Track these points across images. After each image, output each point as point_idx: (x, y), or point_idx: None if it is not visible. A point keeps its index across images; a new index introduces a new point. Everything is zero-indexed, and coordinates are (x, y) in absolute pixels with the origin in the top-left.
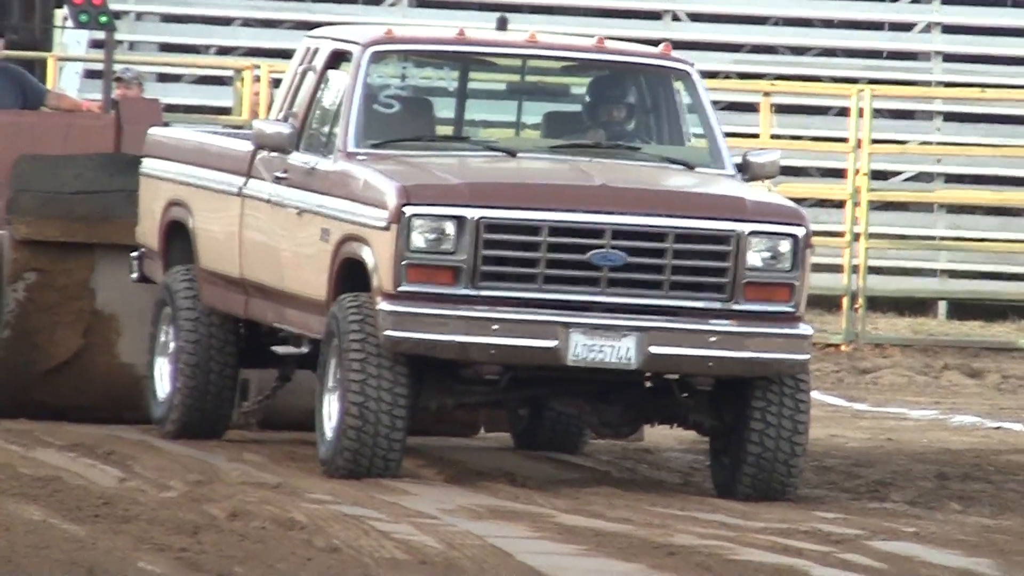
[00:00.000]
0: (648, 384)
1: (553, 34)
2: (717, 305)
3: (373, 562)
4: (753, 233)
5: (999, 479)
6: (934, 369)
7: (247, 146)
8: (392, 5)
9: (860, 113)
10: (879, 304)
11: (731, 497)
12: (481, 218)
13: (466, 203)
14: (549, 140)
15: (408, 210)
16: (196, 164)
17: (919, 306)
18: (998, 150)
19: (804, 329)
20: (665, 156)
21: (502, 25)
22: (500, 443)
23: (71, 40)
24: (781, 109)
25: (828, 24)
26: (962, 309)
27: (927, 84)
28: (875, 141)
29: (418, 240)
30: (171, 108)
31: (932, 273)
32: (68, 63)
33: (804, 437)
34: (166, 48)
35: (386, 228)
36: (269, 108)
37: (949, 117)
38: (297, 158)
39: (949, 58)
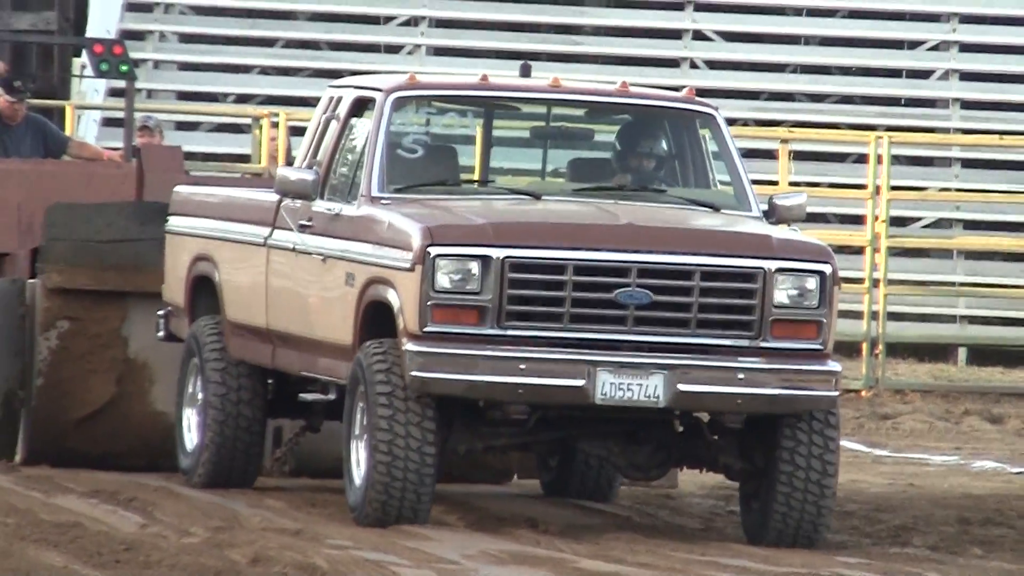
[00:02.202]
0: (679, 427)
1: (576, 80)
2: (745, 343)
3: None
4: (780, 270)
5: (1021, 524)
6: (954, 415)
7: (272, 197)
8: (410, 54)
9: (879, 160)
10: (899, 350)
11: (761, 543)
12: (506, 257)
13: (491, 243)
14: (574, 184)
15: (433, 250)
16: (222, 218)
17: (939, 352)
18: (1016, 196)
19: (832, 366)
20: (691, 199)
21: (526, 72)
22: (522, 489)
23: (89, 88)
24: (799, 156)
25: (846, 71)
26: (982, 355)
27: (945, 131)
28: (894, 188)
29: (443, 280)
30: (189, 156)
31: (952, 319)
32: (86, 111)
33: (834, 479)
34: (184, 96)
35: (411, 269)
36: (287, 155)
37: (967, 164)
38: (321, 205)
39: (967, 105)
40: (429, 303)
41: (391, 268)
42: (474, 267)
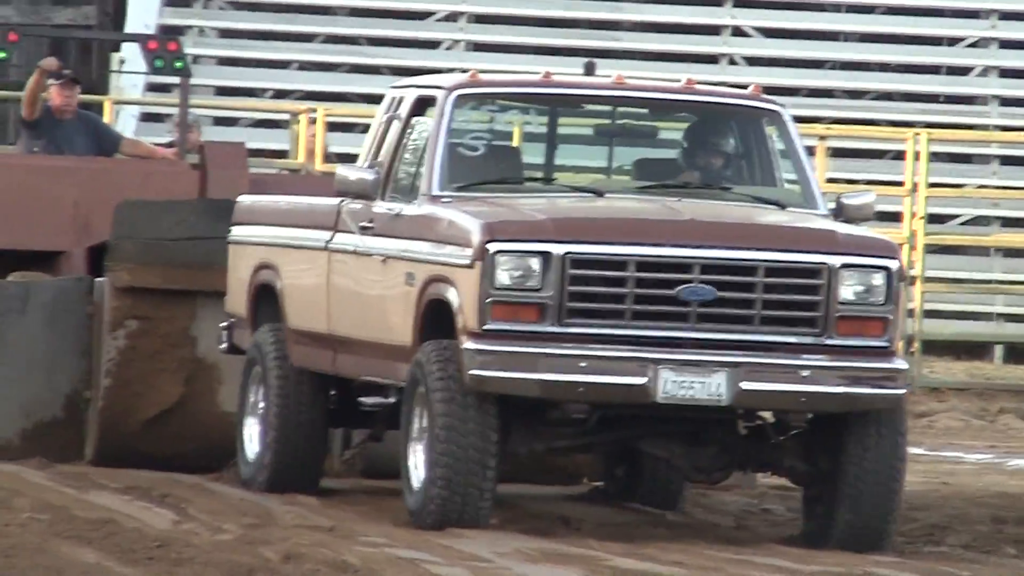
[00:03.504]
0: (742, 429)
1: (640, 77)
2: (809, 340)
3: None
4: (845, 266)
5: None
6: (990, 413)
7: (334, 201)
8: (448, 49)
9: (917, 156)
10: (935, 348)
11: (824, 548)
12: (567, 253)
13: (551, 239)
14: (637, 182)
15: (492, 247)
16: (284, 225)
17: (975, 350)
18: None
19: (899, 363)
20: (757, 196)
21: (590, 70)
22: (557, 489)
23: (127, 83)
24: (837, 153)
25: (884, 68)
26: (1018, 353)
27: (984, 128)
28: (932, 185)
29: (503, 277)
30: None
31: (988, 317)
32: (125, 106)
33: (901, 483)
34: (222, 92)
35: (470, 266)
36: (324, 152)
37: (1006, 161)
38: (382, 206)
39: (1006, 102)
40: (488, 300)
41: (451, 265)
42: (534, 263)
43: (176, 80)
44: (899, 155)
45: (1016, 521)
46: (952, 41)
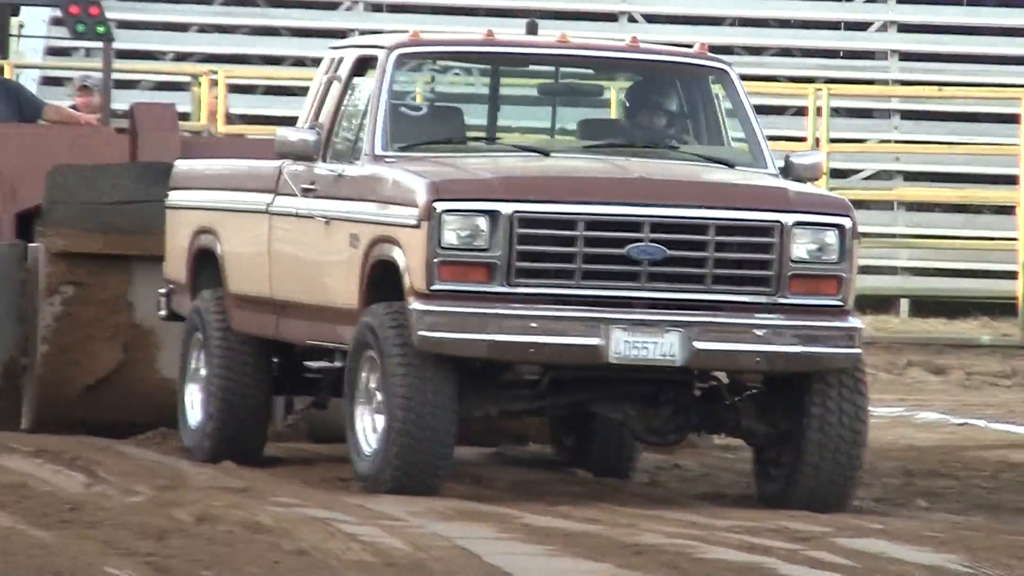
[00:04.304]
0: (696, 391)
1: (584, 36)
2: (763, 299)
3: (340, 564)
4: (798, 224)
5: (965, 475)
6: (898, 367)
7: (274, 164)
8: (348, 10)
9: (818, 112)
10: None
11: (783, 508)
12: (515, 212)
13: (499, 197)
14: (583, 141)
15: (439, 206)
16: (223, 188)
17: (881, 304)
18: (956, 147)
19: (854, 322)
20: (705, 156)
21: (532, 29)
22: (470, 451)
23: (27, 47)
24: None
25: (784, 24)
26: (924, 306)
27: (884, 83)
28: (833, 140)
29: (450, 237)
30: (128, 115)
31: (893, 271)
32: (24, 70)
33: (863, 447)
34: (123, 55)
35: (417, 226)
36: (226, 114)
37: (907, 115)
38: (324, 168)
39: (905, 56)
40: (436, 260)
41: (396, 226)
42: (482, 223)
43: (80, 44)
44: (800, 111)
45: (926, 474)
46: None
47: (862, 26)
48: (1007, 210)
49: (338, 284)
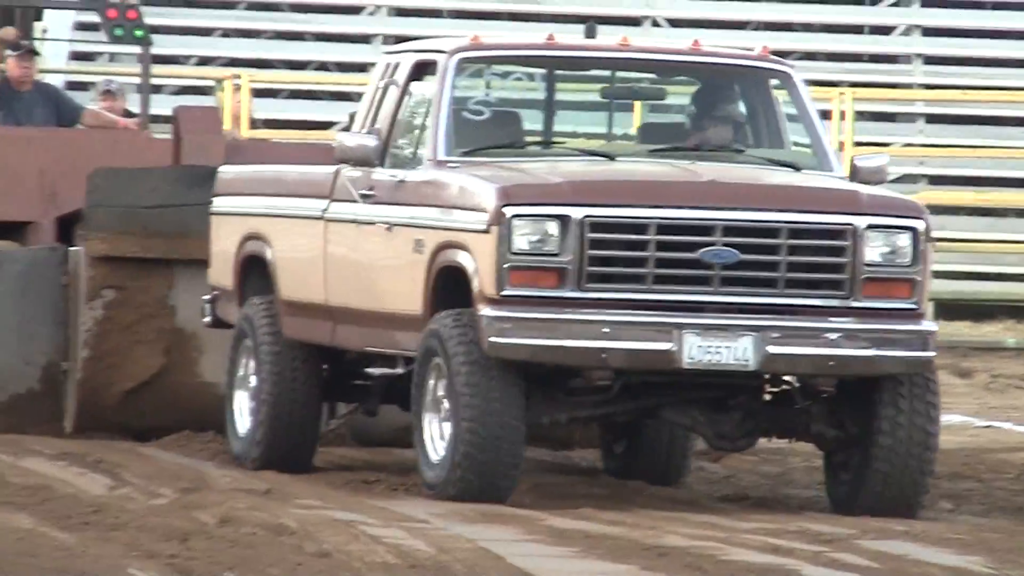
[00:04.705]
0: (767, 396)
1: (645, 39)
2: (835, 302)
3: (364, 566)
4: (870, 227)
5: (989, 478)
6: None
7: (328, 169)
8: (371, 15)
9: (842, 116)
10: None
11: (853, 513)
12: (586, 217)
13: (569, 202)
14: (648, 145)
15: (509, 211)
16: (273, 194)
17: None
18: (981, 151)
19: (927, 326)
20: (770, 159)
21: (591, 32)
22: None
23: (51, 52)
24: None
25: (808, 28)
26: (949, 309)
27: (909, 87)
28: (858, 144)
29: (520, 242)
30: (154, 119)
31: None
32: (48, 75)
33: (934, 451)
34: None
35: (486, 231)
36: (250, 118)
37: (931, 119)
38: (383, 173)
39: (930, 60)
40: (506, 266)
41: (464, 231)
42: (552, 227)
43: (104, 49)
44: (824, 115)
45: (950, 476)
46: (875, 0)
47: (886, 30)
48: None
49: (400, 290)
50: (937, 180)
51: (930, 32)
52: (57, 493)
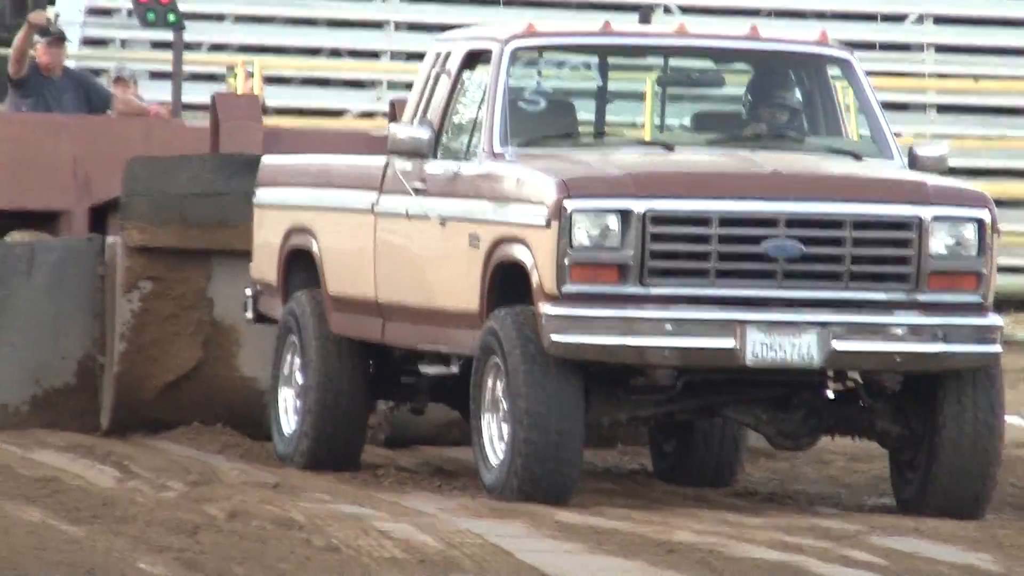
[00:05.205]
0: (830, 393)
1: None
2: (901, 296)
3: (372, 561)
4: (936, 218)
5: (998, 474)
6: None
7: (378, 161)
8: (384, 1)
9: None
10: None
11: (918, 513)
12: (647, 211)
13: (631, 195)
14: (706, 135)
15: (569, 204)
16: (319, 186)
17: None
18: (992, 142)
19: (994, 319)
20: (831, 147)
21: (645, 18)
22: None
23: None
24: None
25: (820, 16)
26: None
27: (920, 76)
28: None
29: (581, 236)
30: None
31: None
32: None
33: (1000, 445)
34: (158, 46)
35: (546, 226)
36: (263, 104)
37: (943, 108)
38: (435, 166)
39: (942, 49)
40: (567, 262)
41: (523, 225)
42: (613, 221)
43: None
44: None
45: None
46: None
47: (898, 18)
48: None
49: (455, 287)
50: (948, 170)
51: (942, 20)
52: (66, 486)
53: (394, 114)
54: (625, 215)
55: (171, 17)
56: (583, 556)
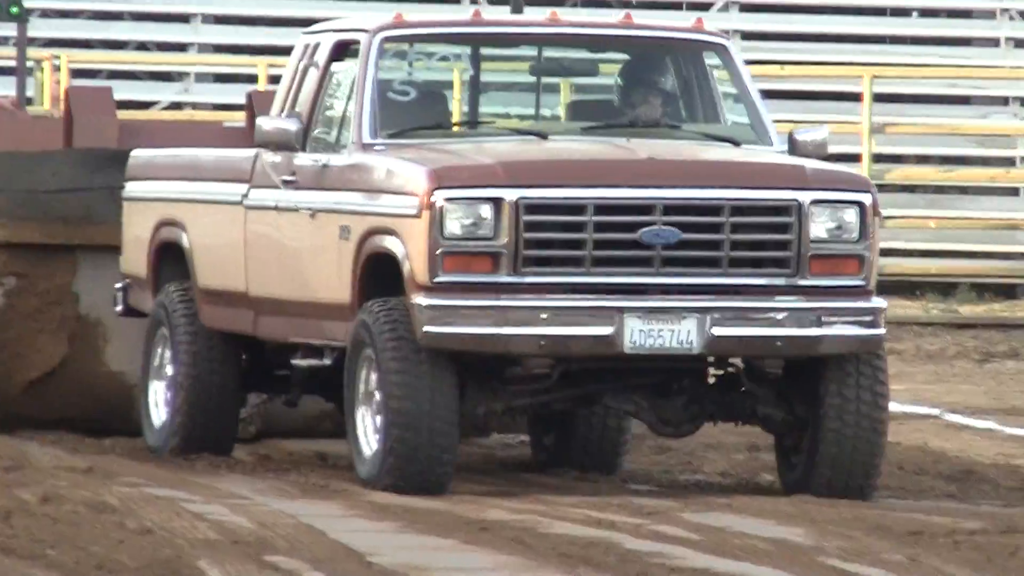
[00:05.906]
0: (711, 379)
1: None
2: (781, 281)
3: (186, 543)
4: (816, 202)
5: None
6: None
7: (247, 154)
8: None
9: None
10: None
11: (805, 495)
12: (520, 199)
13: (502, 184)
14: (580, 123)
15: (440, 194)
16: (189, 179)
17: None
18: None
19: (877, 303)
20: (707, 134)
21: (517, 8)
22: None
23: None
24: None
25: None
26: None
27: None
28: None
29: (453, 226)
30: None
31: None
32: None
33: (884, 429)
34: None
35: (417, 216)
36: (66, 98)
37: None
38: (305, 158)
39: (748, 36)
40: (439, 251)
41: (394, 216)
42: (486, 210)
43: None
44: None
45: (769, 448)
46: None
47: (704, 7)
48: None
49: (326, 279)
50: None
51: (746, 7)
52: None
53: (251, 106)
54: (497, 204)
55: (13, 9)
56: (397, 535)
